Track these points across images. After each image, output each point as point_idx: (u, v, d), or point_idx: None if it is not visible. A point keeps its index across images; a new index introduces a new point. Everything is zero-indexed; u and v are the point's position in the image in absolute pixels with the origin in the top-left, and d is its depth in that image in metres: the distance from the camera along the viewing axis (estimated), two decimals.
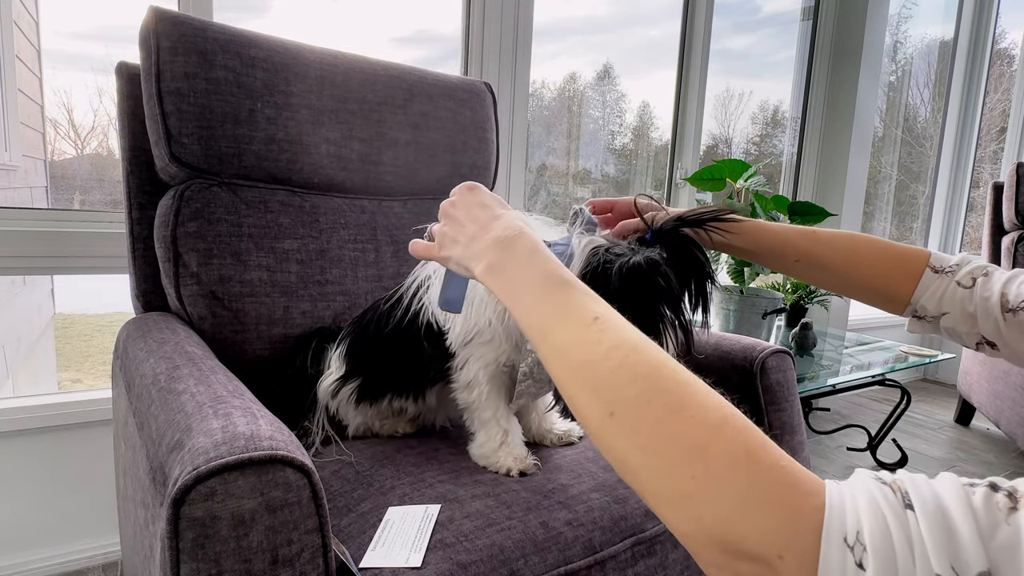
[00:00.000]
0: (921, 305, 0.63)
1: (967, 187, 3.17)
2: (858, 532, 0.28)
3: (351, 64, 1.10)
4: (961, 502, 0.28)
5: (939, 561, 0.27)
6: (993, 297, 0.57)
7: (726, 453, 0.32)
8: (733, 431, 0.33)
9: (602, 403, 0.38)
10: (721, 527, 0.31)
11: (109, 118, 1.63)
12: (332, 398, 0.88)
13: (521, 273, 0.47)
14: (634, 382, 0.37)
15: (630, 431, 0.36)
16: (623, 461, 0.37)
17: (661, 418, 0.35)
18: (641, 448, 0.35)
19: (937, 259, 0.63)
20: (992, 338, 0.59)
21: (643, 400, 0.36)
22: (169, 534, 0.46)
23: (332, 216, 1.08)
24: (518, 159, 1.77)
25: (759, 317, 1.62)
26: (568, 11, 2.09)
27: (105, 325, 3.29)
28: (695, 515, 0.33)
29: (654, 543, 0.71)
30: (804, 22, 2.53)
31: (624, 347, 0.39)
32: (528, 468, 0.76)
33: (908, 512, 0.29)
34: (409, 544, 0.61)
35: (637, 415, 0.36)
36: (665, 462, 0.34)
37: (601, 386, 0.38)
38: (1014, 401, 1.95)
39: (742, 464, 0.32)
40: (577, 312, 0.43)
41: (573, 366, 0.40)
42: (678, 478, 0.33)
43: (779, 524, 0.30)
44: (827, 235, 0.67)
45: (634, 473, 0.36)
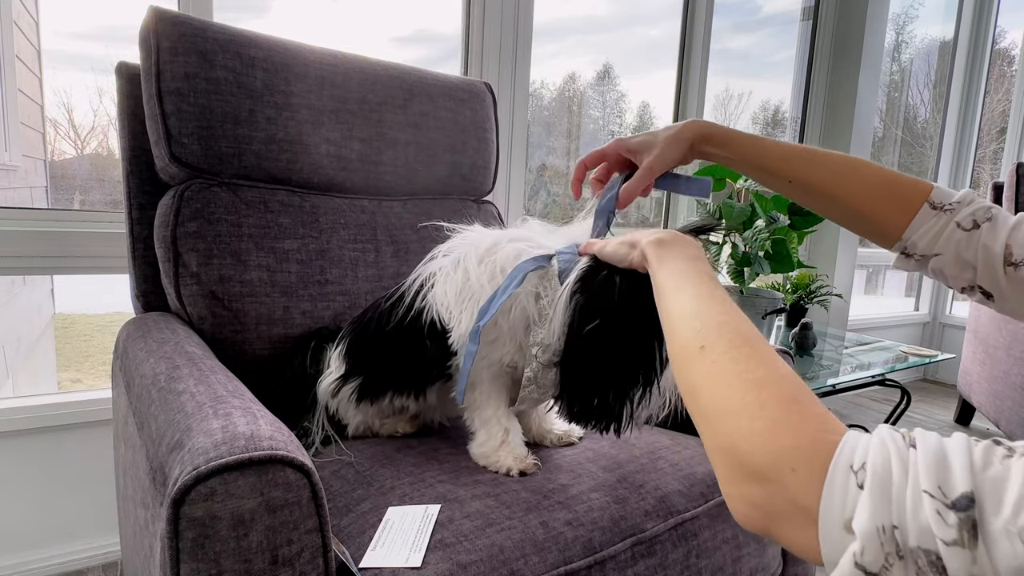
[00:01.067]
0: (912, 242, 0.61)
1: (967, 187, 3.17)
2: (864, 462, 0.32)
3: (351, 64, 1.10)
4: (962, 447, 0.32)
5: (928, 481, 0.30)
6: (996, 247, 0.55)
7: (778, 392, 0.38)
8: (791, 382, 0.39)
9: (699, 337, 0.45)
10: (749, 443, 0.37)
11: (109, 118, 1.63)
12: (332, 397, 0.88)
13: (681, 253, 0.56)
14: (732, 333, 0.44)
15: (710, 360, 0.43)
16: (694, 384, 0.43)
17: (739, 358, 0.41)
18: (712, 374, 0.42)
19: (938, 194, 0.60)
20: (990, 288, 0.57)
21: (733, 344, 0.43)
22: (169, 534, 0.46)
23: (332, 216, 1.08)
24: (518, 159, 1.77)
25: (759, 317, 1.62)
26: (568, 11, 2.09)
27: (105, 325, 3.29)
28: (732, 429, 0.38)
29: (654, 543, 0.71)
30: (804, 22, 2.53)
31: (736, 314, 0.47)
32: (528, 468, 0.76)
33: (911, 450, 0.32)
34: (409, 544, 0.61)
35: (723, 352, 0.43)
36: (726, 386, 0.40)
37: (704, 328, 0.45)
38: (1014, 401, 1.95)
39: (786, 402, 0.37)
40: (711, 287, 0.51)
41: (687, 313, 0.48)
42: (732, 398, 0.39)
43: (799, 445, 0.35)
44: (825, 156, 0.65)
45: (696, 394, 0.42)
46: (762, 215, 1.64)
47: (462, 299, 0.76)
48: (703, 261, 0.55)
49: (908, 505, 0.30)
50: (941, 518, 0.29)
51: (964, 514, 0.29)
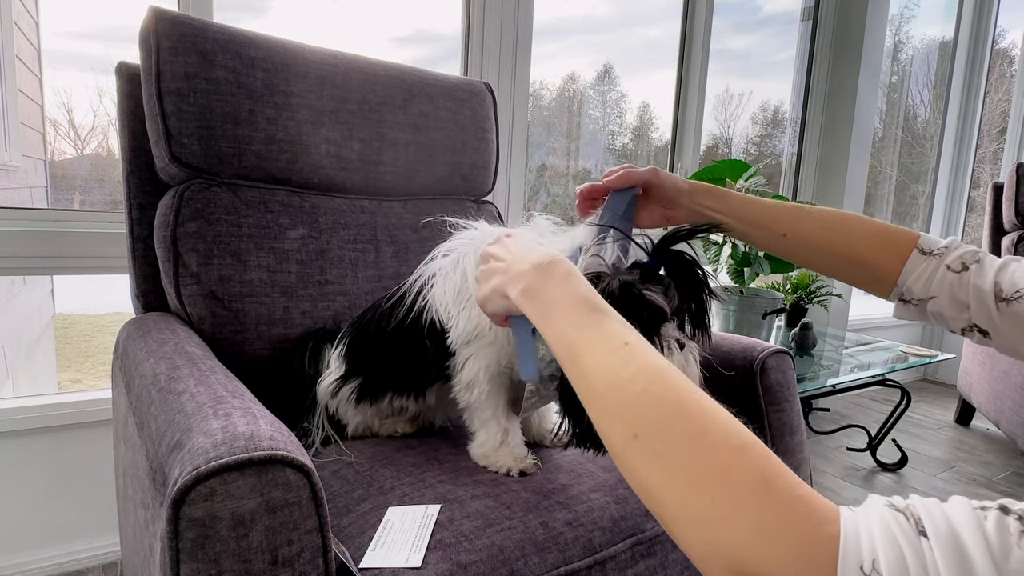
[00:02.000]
0: (908, 288, 0.62)
1: (967, 187, 3.17)
2: (874, 561, 0.29)
3: (351, 64, 1.10)
4: (973, 528, 0.29)
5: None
6: (986, 285, 0.57)
7: (745, 479, 0.33)
8: (753, 457, 0.34)
9: (627, 426, 0.39)
10: (738, 552, 0.32)
11: (109, 118, 1.63)
12: (332, 398, 0.88)
13: (556, 296, 0.49)
14: (658, 406, 0.38)
15: (652, 453, 0.37)
16: (644, 484, 0.38)
17: (683, 442, 0.36)
18: (662, 471, 0.36)
19: (926, 241, 0.62)
20: (985, 326, 0.58)
21: (666, 424, 0.37)
22: (169, 534, 0.46)
23: (332, 216, 1.08)
24: (518, 159, 1.77)
25: (759, 317, 1.62)
26: (568, 11, 2.09)
27: (105, 325, 3.28)
28: (712, 538, 0.33)
29: (654, 543, 0.71)
30: (804, 22, 2.53)
31: (650, 373, 0.40)
32: (528, 468, 0.76)
33: (922, 539, 0.29)
34: (409, 544, 0.61)
35: (660, 438, 0.37)
36: (685, 485, 0.35)
37: (626, 409, 0.39)
38: (1014, 401, 1.95)
39: (760, 490, 0.33)
40: (607, 337, 0.44)
41: (599, 390, 0.42)
42: (697, 501, 0.34)
43: (796, 551, 0.31)
44: (815, 210, 0.66)
45: (654, 496, 0.37)
46: None
47: (460, 299, 0.76)
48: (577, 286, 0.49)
49: None
50: None
51: None
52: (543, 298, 0.50)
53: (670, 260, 0.66)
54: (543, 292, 0.50)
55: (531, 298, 0.51)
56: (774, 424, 0.94)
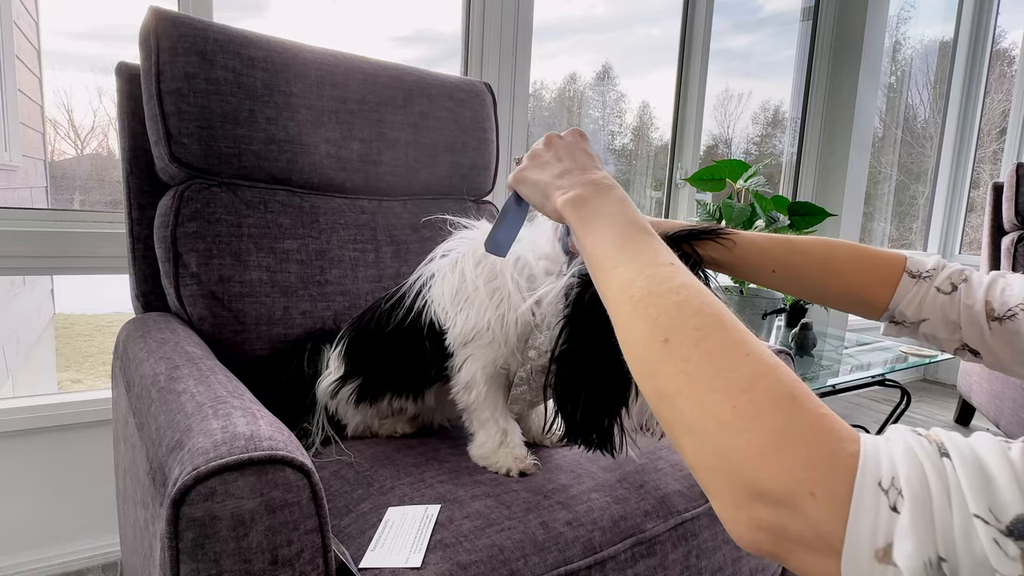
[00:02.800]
0: (899, 311, 0.62)
1: (967, 187, 3.17)
2: (893, 477, 0.28)
3: (351, 64, 1.10)
4: (998, 453, 0.28)
5: (977, 504, 0.27)
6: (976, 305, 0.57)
7: (772, 391, 0.32)
8: (783, 374, 0.33)
9: (658, 329, 0.38)
10: (751, 462, 0.31)
11: (109, 118, 1.63)
12: (331, 398, 0.88)
13: (606, 211, 0.48)
14: (696, 316, 0.37)
15: (680, 358, 0.36)
16: (663, 387, 0.37)
17: (716, 350, 0.35)
18: (687, 375, 0.35)
19: (913, 263, 0.62)
20: (976, 346, 0.58)
21: (702, 333, 0.36)
22: (169, 534, 0.46)
23: (332, 216, 1.08)
24: None
25: (759, 317, 1.62)
26: (568, 10, 2.09)
27: (105, 325, 3.28)
28: (727, 446, 0.32)
29: (654, 543, 0.71)
30: (804, 22, 2.53)
31: (693, 288, 0.39)
32: (528, 468, 0.76)
33: (944, 460, 0.28)
34: (409, 544, 0.61)
35: (692, 345, 0.36)
36: (708, 390, 0.34)
37: (662, 315, 0.38)
38: (1014, 401, 1.95)
39: (785, 403, 0.32)
40: (653, 253, 0.44)
41: (636, 295, 0.41)
42: (718, 406, 0.33)
43: (813, 463, 0.30)
44: (801, 242, 0.66)
45: (671, 400, 0.36)
46: (762, 215, 1.64)
47: (458, 300, 0.76)
48: (632, 210, 0.49)
49: (957, 534, 0.27)
50: (1000, 548, 0.26)
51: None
52: (591, 210, 0.49)
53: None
54: (595, 205, 0.50)
55: (579, 207, 0.50)
56: None
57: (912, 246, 3.33)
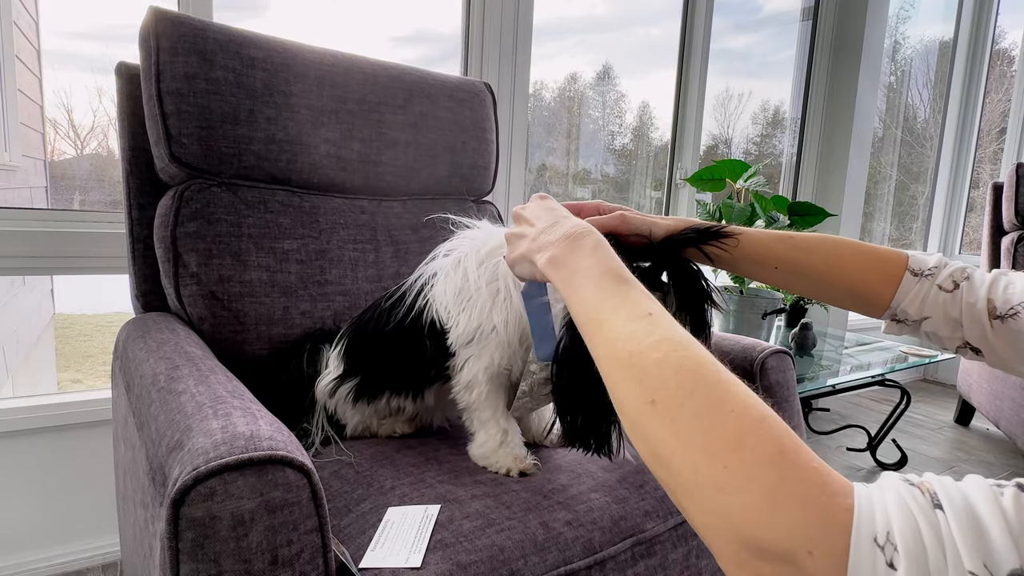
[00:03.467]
0: (902, 310, 0.62)
1: (967, 187, 3.17)
2: (888, 532, 0.29)
3: (351, 64, 1.10)
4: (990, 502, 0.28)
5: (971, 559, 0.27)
6: (979, 303, 0.56)
7: (761, 448, 0.33)
8: (770, 428, 0.34)
9: (644, 391, 0.38)
10: (748, 520, 0.32)
11: (109, 118, 1.63)
12: (330, 397, 0.88)
13: (583, 266, 0.49)
14: (678, 373, 0.38)
15: (668, 419, 0.36)
16: (656, 450, 0.37)
17: (701, 409, 0.36)
18: (677, 436, 0.36)
19: (915, 261, 0.62)
20: (977, 344, 0.58)
21: (686, 391, 0.37)
22: (169, 534, 0.46)
23: (332, 216, 1.08)
24: (518, 159, 1.77)
25: (759, 317, 1.62)
26: (568, 10, 2.09)
27: (105, 325, 3.28)
28: (723, 507, 0.33)
29: (654, 543, 0.71)
30: (804, 22, 2.53)
31: (672, 342, 0.40)
32: (528, 468, 0.76)
33: (937, 512, 0.29)
34: (409, 544, 0.61)
35: (677, 404, 0.36)
36: (700, 451, 0.34)
37: (645, 375, 0.39)
38: (1014, 401, 1.95)
39: (775, 460, 0.32)
40: (631, 306, 0.44)
41: (620, 355, 0.41)
42: (711, 468, 0.34)
43: (808, 521, 0.30)
44: (804, 239, 0.66)
45: (666, 463, 0.36)
46: (762, 215, 1.64)
47: (460, 300, 0.76)
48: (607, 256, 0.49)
49: None
50: None
51: None
52: (570, 268, 0.50)
53: (672, 265, 0.66)
54: (571, 262, 0.50)
55: (558, 267, 0.51)
56: None
57: (912, 246, 3.33)
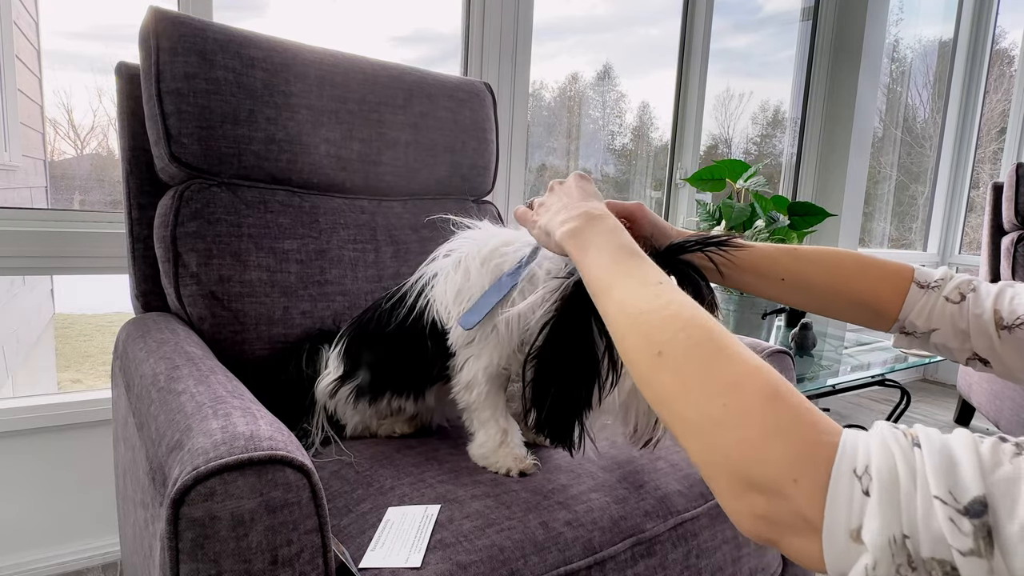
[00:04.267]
0: (910, 322, 0.62)
1: (967, 187, 3.17)
2: (867, 466, 0.31)
3: (351, 64, 1.10)
4: (968, 445, 0.30)
5: (938, 486, 0.29)
6: (985, 314, 0.57)
7: (757, 390, 0.36)
8: (767, 374, 0.37)
9: (653, 344, 0.42)
10: (744, 455, 0.35)
11: (109, 118, 1.63)
12: (330, 397, 0.88)
13: (599, 239, 0.53)
14: (684, 328, 0.41)
15: (674, 367, 0.40)
16: (662, 395, 0.40)
17: (704, 356, 0.39)
18: (682, 381, 0.39)
19: (921, 274, 0.62)
20: (985, 355, 0.58)
21: (691, 342, 0.40)
22: (168, 534, 0.46)
23: (332, 216, 1.08)
24: (518, 159, 1.77)
25: (759, 317, 1.62)
26: (568, 10, 2.09)
27: (105, 325, 3.29)
28: (721, 443, 0.36)
29: (654, 543, 0.71)
30: (804, 22, 2.53)
31: (679, 304, 0.43)
32: (528, 468, 0.76)
33: (915, 450, 0.31)
34: (409, 544, 0.61)
35: (683, 354, 0.40)
36: (701, 393, 0.38)
37: (653, 330, 0.42)
38: (1014, 401, 1.95)
39: (770, 400, 0.35)
40: (642, 274, 0.48)
41: (630, 313, 0.45)
42: (711, 406, 0.37)
43: (796, 453, 0.33)
44: (807, 251, 0.66)
45: (671, 406, 0.40)
46: (762, 215, 1.64)
47: (461, 299, 0.76)
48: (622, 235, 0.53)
49: (919, 513, 0.29)
50: (955, 526, 0.28)
51: (978, 520, 0.28)
52: (585, 239, 0.54)
53: (675, 270, 0.66)
54: (587, 234, 0.54)
55: (575, 237, 0.55)
56: None
57: (912, 246, 3.33)
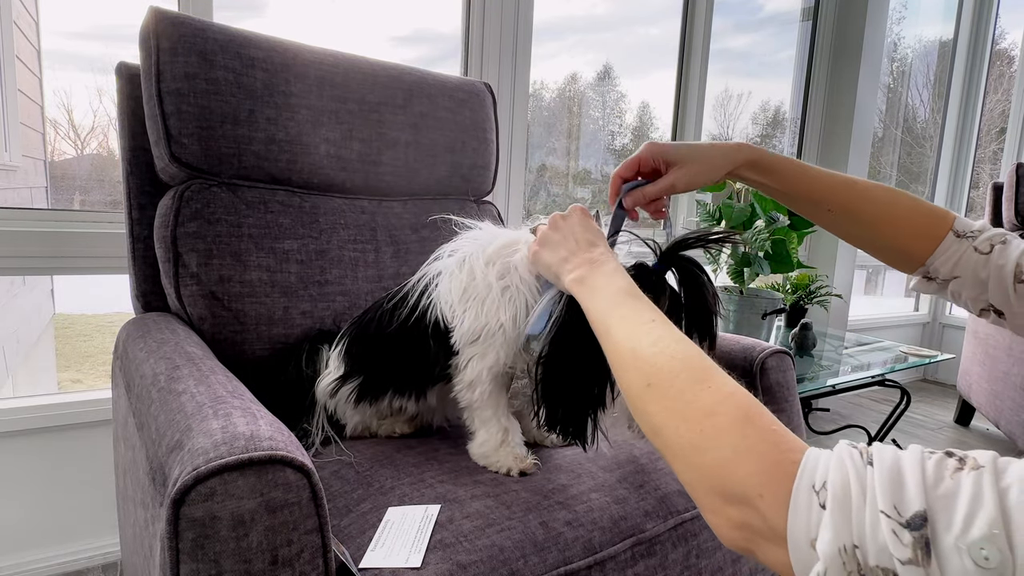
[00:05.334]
0: (935, 267, 0.63)
1: (967, 187, 3.17)
2: (824, 481, 0.34)
3: (351, 64, 1.10)
4: (916, 462, 0.33)
5: (884, 502, 0.32)
6: (1008, 265, 0.58)
7: (729, 415, 0.40)
8: (738, 400, 0.41)
9: (643, 376, 0.47)
10: (718, 474, 0.39)
11: (109, 118, 1.63)
12: (331, 397, 0.88)
13: (601, 284, 0.59)
14: (670, 361, 0.46)
15: (660, 396, 0.45)
16: (653, 423, 0.45)
17: (685, 388, 0.44)
18: (667, 410, 0.44)
19: (960, 223, 0.63)
20: (1000, 306, 0.59)
21: (673, 374, 0.45)
22: (169, 534, 0.46)
23: (332, 216, 1.08)
24: (518, 159, 1.77)
25: (759, 317, 1.62)
26: (568, 10, 2.09)
27: (105, 325, 3.29)
28: (700, 463, 0.40)
29: (654, 543, 0.71)
30: (804, 22, 2.53)
31: (667, 338, 0.49)
32: (528, 468, 0.76)
33: (868, 467, 0.34)
34: (409, 544, 0.61)
35: (667, 385, 0.45)
36: (683, 420, 0.42)
37: (644, 365, 0.48)
38: (1014, 401, 1.95)
39: (740, 424, 0.40)
40: (637, 314, 0.53)
41: (624, 352, 0.50)
42: (691, 432, 0.41)
43: (763, 470, 0.37)
44: (868, 187, 0.66)
45: (660, 433, 0.44)
46: (762, 215, 1.64)
47: (466, 298, 0.76)
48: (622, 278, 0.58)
49: (867, 525, 0.32)
50: (897, 537, 0.31)
51: (918, 533, 0.31)
52: (589, 285, 0.60)
53: (677, 267, 0.67)
54: (591, 281, 0.60)
55: (581, 284, 0.61)
56: None
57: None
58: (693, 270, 0.67)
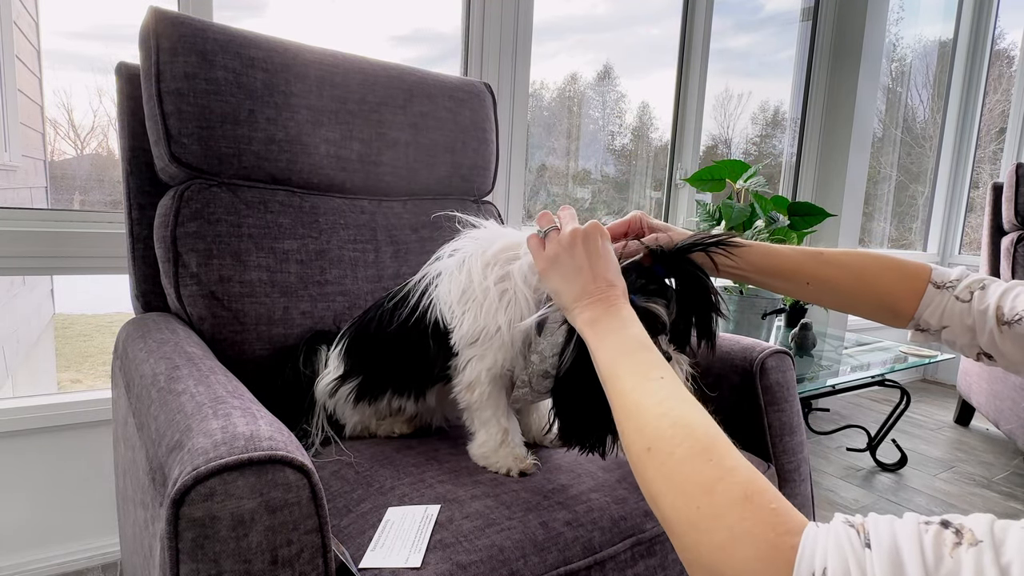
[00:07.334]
0: (924, 320, 0.65)
1: (967, 187, 3.17)
2: (824, 568, 0.33)
3: (351, 64, 1.10)
4: (913, 540, 0.33)
5: None
6: (989, 310, 0.60)
7: (728, 493, 0.39)
8: (740, 475, 0.40)
9: (644, 439, 0.46)
10: (713, 556, 0.37)
11: (109, 118, 1.63)
12: (330, 397, 0.88)
13: (612, 328, 0.57)
14: (672, 427, 0.44)
15: (659, 464, 0.43)
16: (650, 490, 0.44)
17: (684, 458, 0.42)
18: (665, 479, 0.42)
19: (938, 274, 0.65)
20: (989, 350, 0.61)
21: (675, 442, 0.43)
22: (169, 534, 0.46)
23: (332, 216, 1.08)
24: (518, 159, 1.77)
25: (759, 317, 1.62)
26: (568, 10, 2.09)
27: (105, 325, 3.29)
28: (696, 542, 0.39)
29: (654, 543, 0.71)
30: (804, 22, 2.53)
31: (673, 401, 0.47)
32: (528, 468, 0.76)
33: (866, 550, 0.33)
34: (409, 544, 0.61)
35: (667, 452, 0.43)
36: (680, 494, 0.41)
37: (646, 426, 0.46)
38: (1014, 401, 1.95)
39: (738, 503, 0.38)
40: (647, 367, 0.52)
41: (630, 407, 0.49)
42: (687, 508, 0.40)
43: (760, 556, 0.36)
44: (834, 255, 0.68)
45: (656, 502, 0.43)
46: (762, 215, 1.64)
47: (465, 299, 0.76)
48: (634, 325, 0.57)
49: None
50: None
51: None
52: (602, 328, 0.58)
53: (680, 271, 0.67)
54: (604, 325, 0.58)
55: (593, 326, 0.59)
56: (774, 424, 0.94)
57: (912, 246, 3.33)
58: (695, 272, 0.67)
